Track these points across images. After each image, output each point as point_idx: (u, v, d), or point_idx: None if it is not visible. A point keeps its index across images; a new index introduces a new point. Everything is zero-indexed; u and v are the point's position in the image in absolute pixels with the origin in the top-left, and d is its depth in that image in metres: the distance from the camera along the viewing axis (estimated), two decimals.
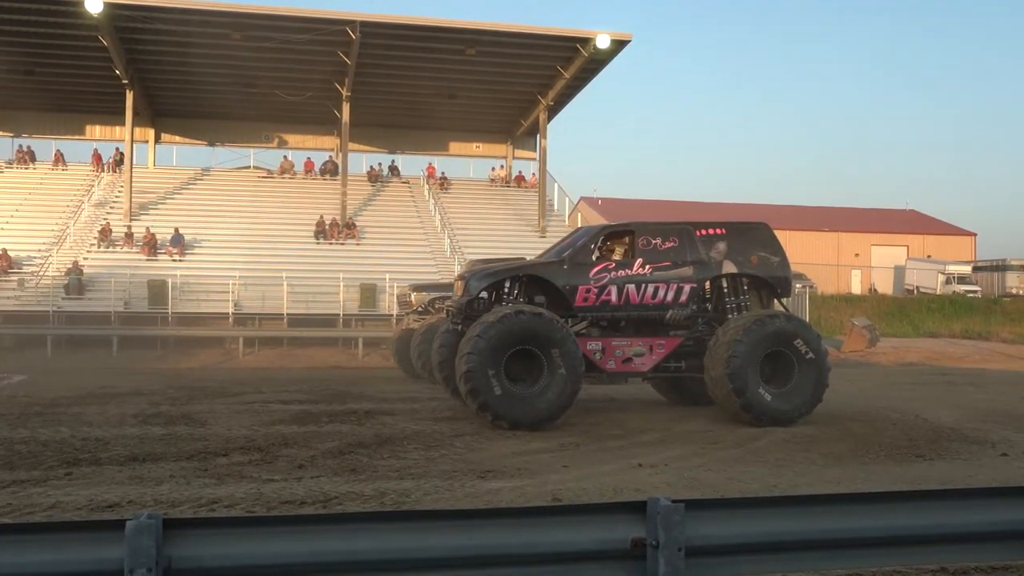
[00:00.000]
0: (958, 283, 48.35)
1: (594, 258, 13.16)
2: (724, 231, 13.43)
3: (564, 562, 3.88)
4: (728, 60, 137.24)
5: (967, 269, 51.32)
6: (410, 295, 21.61)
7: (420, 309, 20.73)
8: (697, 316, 13.29)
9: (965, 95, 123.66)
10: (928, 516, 4.28)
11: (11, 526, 4.31)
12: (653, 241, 13.10)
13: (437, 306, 20.56)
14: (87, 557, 3.51)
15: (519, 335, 11.88)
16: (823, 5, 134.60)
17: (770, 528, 4.07)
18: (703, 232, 13.34)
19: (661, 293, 12.96)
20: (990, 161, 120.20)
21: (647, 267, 12.95)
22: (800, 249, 52.00)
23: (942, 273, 49.92)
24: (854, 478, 8.91)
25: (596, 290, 12.80)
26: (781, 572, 4.23)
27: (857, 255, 57.14)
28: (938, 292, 47.31)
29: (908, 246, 58.67)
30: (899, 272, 54.16)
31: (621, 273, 12.91)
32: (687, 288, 13.05)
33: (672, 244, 13.13)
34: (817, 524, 4.13)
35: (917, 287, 50.44)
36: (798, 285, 35.49)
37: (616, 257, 13.50)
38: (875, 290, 51.13)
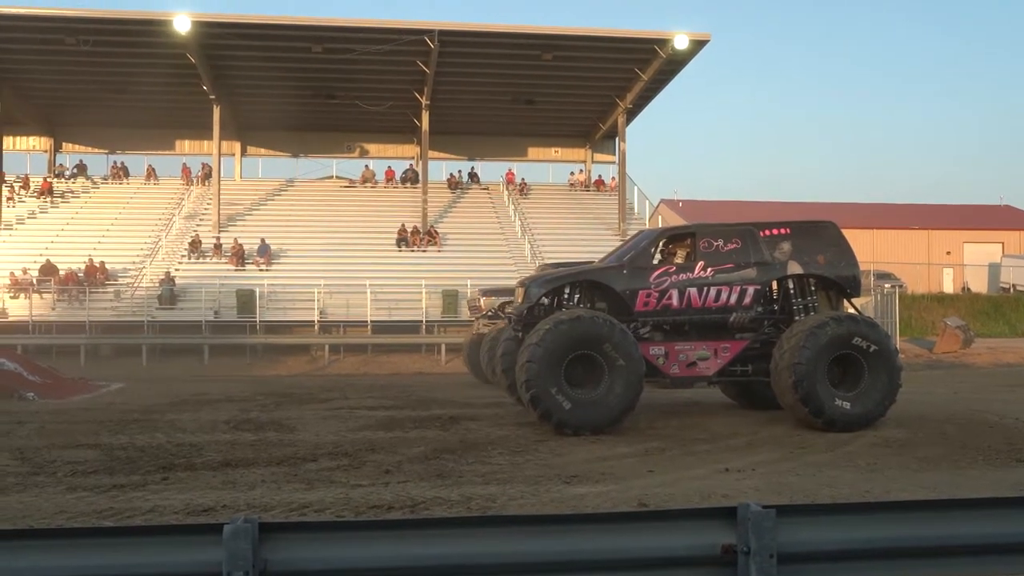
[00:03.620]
0: None
1: (655, 262, 13.02)
2: (788, 231, 13.12)
3: (653, 568, 3.85)
4: (811, 55, 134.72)
5: None
6: (479, 300, 21.68)
7: (490, 314, 20.83)
8: (763, 318, 13.01)
9: None
10: None
11: (116, 529, 4.47)
12: (715, 243, 12.88)
13: (507, 310, 20.67)
14: (187, 559, 3.62)
15: (576, 340, 11.79)
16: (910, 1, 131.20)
17: (864, 535, 3.98)
18: (767, 233, 13.05)
19: (724, 296, 12.72)
20: None
21: (709, 270, 12.73)
22: (889, 247, 50.72)
23: None
24: (950, 483, 8.64)
25: (657, 294, 12.64)
26: None
27: (949, 253, 55.34)
28: None
29: (1003, 243, 56.60)
30: (994, 270, 52.32)
31: (682, 276, 12.71)
32: (751, 290, 12.79)
33: (735, 246, 12.88)
34: (913, 531, 4.03)
35: (1013, 285, 48.63)
36: (887, 285, 34.67)
37: (677, 260, 13.32)
38: (968, 289, 49.43)
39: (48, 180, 38.42)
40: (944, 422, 12.61)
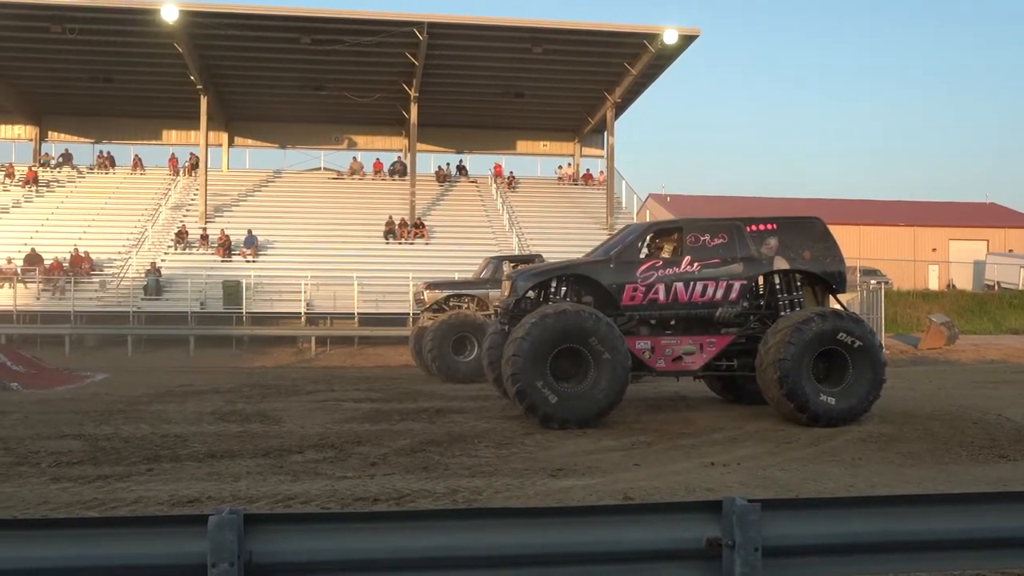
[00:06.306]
0: None
1: (641, 256, 13.04)
2: (775, 227, 13.14)
3: (639, 561, 3.86)
4: (800, 53, 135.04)
5: None
6: (423, 293, 21.66)
7: (435, 307, 20.84)
8: (749, 314, 13.02)
9: None
10: (1012, 518, 4.16)
11: (100, 520, 4.46)
12: (701, 238, 12.88)
13: (451, 304, 20.70)
14: (171, 551, 3.60)
15: (562, 333, 11.78)
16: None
17: (848, 529, 4.00)
18: (753, 228, 13.06)
19: (710, 291, 12.73)
20: None
21: (695, 264, 12.73)
22: (875, 244, 50.92)
23: None
24: (934, 479, 8.69)
25: (643, 288, 12.64)
26: (859, 574, 4.16)
27: (934, 250, 55.58)
28: (1020, 288, 45.80)
29: (988, 240, 56.91)
30: (979, 267, 52.59)
31: (669, 271, 12.71)
32: (737, 285, 12.80)
33: (721, 241, 12.88)
34: (896, 525, 4.05)
35: (998, 282, 48.88)
36: (873, 281, 34.78)
37: (664, 255, 13.33)
38: (953, 286, 49.61)
39: (33, 169, 38.15)
40: (928, 418, 12.68)
